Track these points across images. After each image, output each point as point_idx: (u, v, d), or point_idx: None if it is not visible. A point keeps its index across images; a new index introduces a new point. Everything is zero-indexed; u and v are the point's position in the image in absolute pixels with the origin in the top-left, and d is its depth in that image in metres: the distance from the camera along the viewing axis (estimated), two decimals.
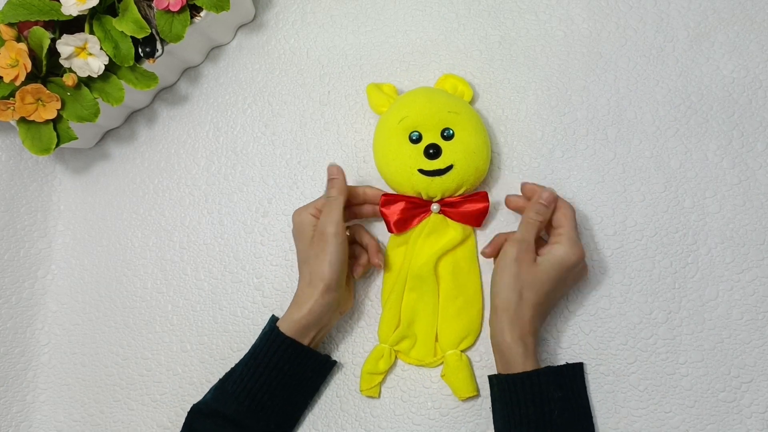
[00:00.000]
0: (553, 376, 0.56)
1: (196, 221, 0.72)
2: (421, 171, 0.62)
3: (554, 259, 0.57)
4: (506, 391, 0.56)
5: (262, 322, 0.67)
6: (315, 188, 0.70)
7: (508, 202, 0.63)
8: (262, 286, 0.69)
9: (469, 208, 0.63)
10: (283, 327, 0.59)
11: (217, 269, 0.70)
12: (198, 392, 0.67)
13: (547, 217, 0.59)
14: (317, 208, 0.62)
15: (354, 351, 0.65)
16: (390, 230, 0.63)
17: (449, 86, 0.66)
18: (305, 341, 0.60)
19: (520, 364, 0.55)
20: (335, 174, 0.62)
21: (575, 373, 0.58)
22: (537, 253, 0.58)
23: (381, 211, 0.63)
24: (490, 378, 0.58)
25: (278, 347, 0.59)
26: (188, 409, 0.60)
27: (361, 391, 0.63)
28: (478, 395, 0.62)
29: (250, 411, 0.58)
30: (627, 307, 0.62)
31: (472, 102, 0.66)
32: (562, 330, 0.62)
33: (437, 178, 0.61)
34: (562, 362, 0.61)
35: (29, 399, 0.71)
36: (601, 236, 0.63)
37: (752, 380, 0.59)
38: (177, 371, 0.69)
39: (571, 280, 0.59)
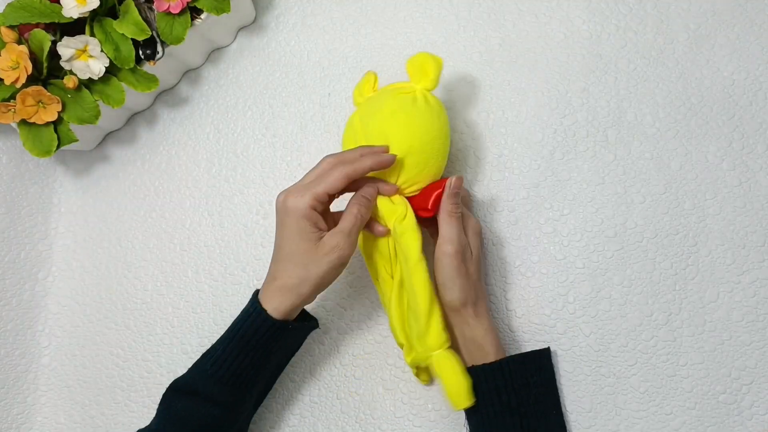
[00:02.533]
0: (530, 361, 0.57)
1: (196, 223, 0.72)
2: None
3: (439, 257, 0.56)
4: (488, 381, 0.55)
5: None
6: None
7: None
8: None
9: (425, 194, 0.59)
10: (270, 308, 0.55)
11: (218, 271, 0.70)
12: None
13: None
14: (319, 200, 0.54)
15: (354, 353, 0.65)
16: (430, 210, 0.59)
17: (417, 69, 0.61)
18: (292, 317, 0.57)
19: (494, 353, 0.56)
20: (370, 197, 0.57)
21: (545, 358, 0.59)
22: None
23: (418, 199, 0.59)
24: (470, 369, 0.56)
25: (266, 330, 0.55)
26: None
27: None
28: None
29: (233, 389, 0.56)
30: (627, 309, 0.62)
31: (442, 80, 0.63)
32: (563, 332, 0.62)
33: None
34: (564, 364, 0.61)
35: (30, 401, 0.71)
36: (601, 238, 0.63)
37: (753, 382, 0.59)
38: (178, 373, 0.68)
39: (475, 248, 0.59)
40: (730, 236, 0.62)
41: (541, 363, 0.58)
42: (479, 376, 0.56)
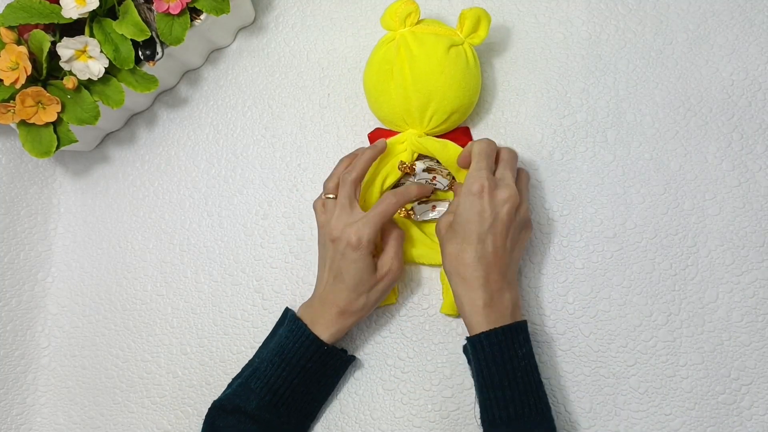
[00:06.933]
0: (522, 332, 0.56)
1: (196, 224, 0.72)
2: None
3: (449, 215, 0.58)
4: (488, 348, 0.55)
5: (261, 325, 0.68)
6: (315, 191, 0.70)
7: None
8: (262, 288, 0.69)
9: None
10: (317, 330, 0.59)
11: (217, 272, 0.70)
12: (198, 395, 0.67)
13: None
14: (376, 229, 0.58)
15: (354, 354, 0.65)
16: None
17: (472, 23, 0.64)
18: (332, 341, 0.60)
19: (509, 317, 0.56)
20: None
21: (526, 330, 0.57)
22: None
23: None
24: (471, 340, 0.56)
25: (312, 352, 0.59)
26: (186, 409, 0.60)
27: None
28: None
29: (270, 405, 0.58)
30: (627, 309, 0.62)
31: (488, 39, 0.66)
32: (562, 332, 0.62)
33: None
34: (564, 364, 0.61)
35: (29, 401, 0.71)
36: (600, 238, 0.64)
37: (752, 382, 0.59)
38: (177, 374, 0.69)
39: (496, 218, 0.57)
40: (729, 236, 0.62)
41: (526, 335, 0.57)
42: (489, 341, 0.55)
